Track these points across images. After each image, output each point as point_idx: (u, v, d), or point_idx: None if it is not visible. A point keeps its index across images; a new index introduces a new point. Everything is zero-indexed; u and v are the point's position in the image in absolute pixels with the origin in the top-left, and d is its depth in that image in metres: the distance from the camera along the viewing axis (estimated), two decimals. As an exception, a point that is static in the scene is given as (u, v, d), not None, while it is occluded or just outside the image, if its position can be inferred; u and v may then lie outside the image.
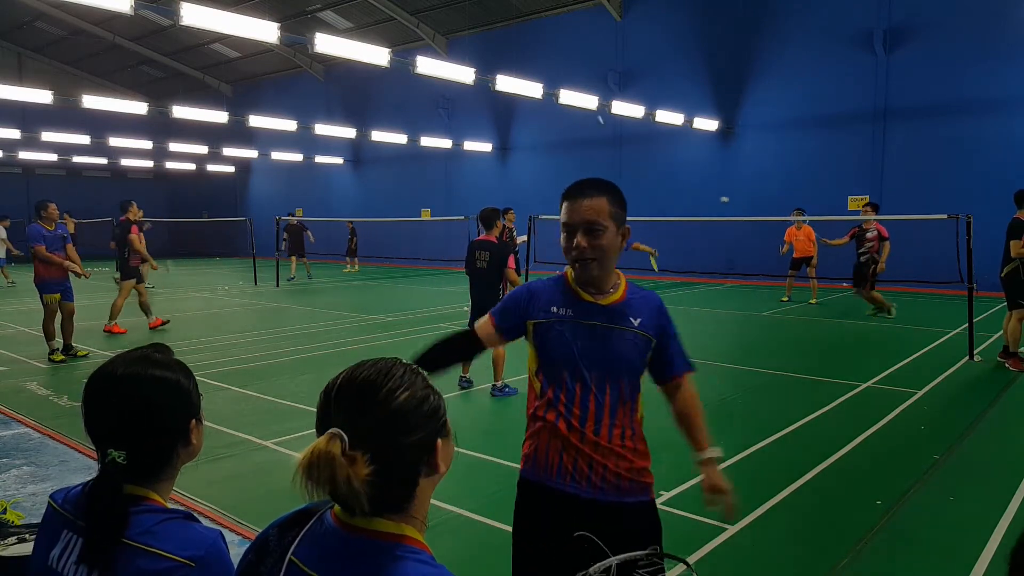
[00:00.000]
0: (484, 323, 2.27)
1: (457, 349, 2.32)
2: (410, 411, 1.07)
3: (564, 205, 2.14)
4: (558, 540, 2.05)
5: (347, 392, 1.07)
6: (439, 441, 1.11)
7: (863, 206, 12.11)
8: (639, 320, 2.10)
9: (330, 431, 1.02)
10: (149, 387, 1.34)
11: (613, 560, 1.67)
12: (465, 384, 7.20)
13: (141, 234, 11.00)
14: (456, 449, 1.20)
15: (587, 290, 2.12)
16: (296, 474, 0.99)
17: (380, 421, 1.05)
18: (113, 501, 1.26)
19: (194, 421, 1.40)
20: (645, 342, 2.11)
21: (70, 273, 8.78)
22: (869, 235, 11.67)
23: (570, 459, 2.08)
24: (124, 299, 10.64)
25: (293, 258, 19.13)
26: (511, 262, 7.01)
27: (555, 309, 2.12)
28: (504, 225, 13.21)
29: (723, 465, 4.88)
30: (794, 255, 13.41)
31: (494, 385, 6.97)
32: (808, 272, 13.44)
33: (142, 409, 1.32)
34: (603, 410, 2.08)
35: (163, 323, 11.13)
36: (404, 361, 1.15)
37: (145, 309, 11.10)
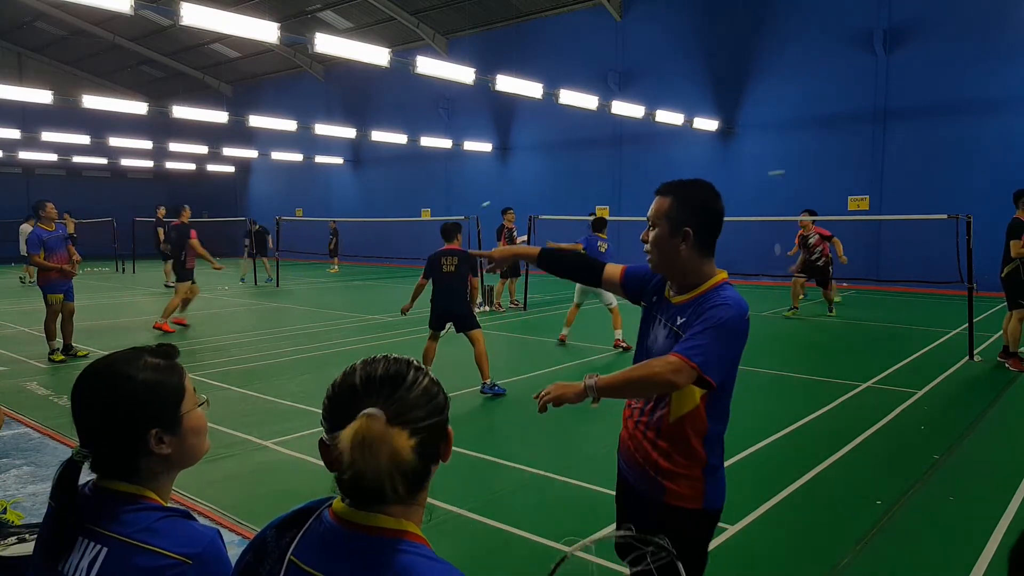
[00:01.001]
0: (614, 268, 2.46)
1: (582, 267, 2.53)
2: (429, 399, 1.11)
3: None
4: (621, 520, 2.36)
5: (376, 381, 1.09)
6: (450, 429, 1.15)
7: (801, 212, 12.10)
8: (684, 320, 2.11)
9: (367, 411, 1.02)
10: (106, 386, 1.32)
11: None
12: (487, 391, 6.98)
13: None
14: (456, 449, 1.21)
15: (672, 287, 2.25)
16: (343, 454, 0.98)
17: (411, 401, 1.08)
18: (67, 495, 1.27)
19: (156, 431, 1.32)
20: (677, 339, 2.09)
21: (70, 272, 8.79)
22: (812, 240, 11.77)
23: (624, 442, 2.32)
24: (180, 299, 10.93)
25: (265, 260, 19.29)
26: (478, 270, 7.21)
27: (653, 297, 2.32)
28: (504, 225, 13.26)
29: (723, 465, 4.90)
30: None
31: (483, 384, 6.98)
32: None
33: (96, 407, 1.32)
34: (647, 403, 2.21)
35: (170, 330, 10.96)
36: (410, 360, 1.16)
37: (182, 307, 11.20)
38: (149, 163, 31.97)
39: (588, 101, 16.44)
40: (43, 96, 15.89)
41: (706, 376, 1.95)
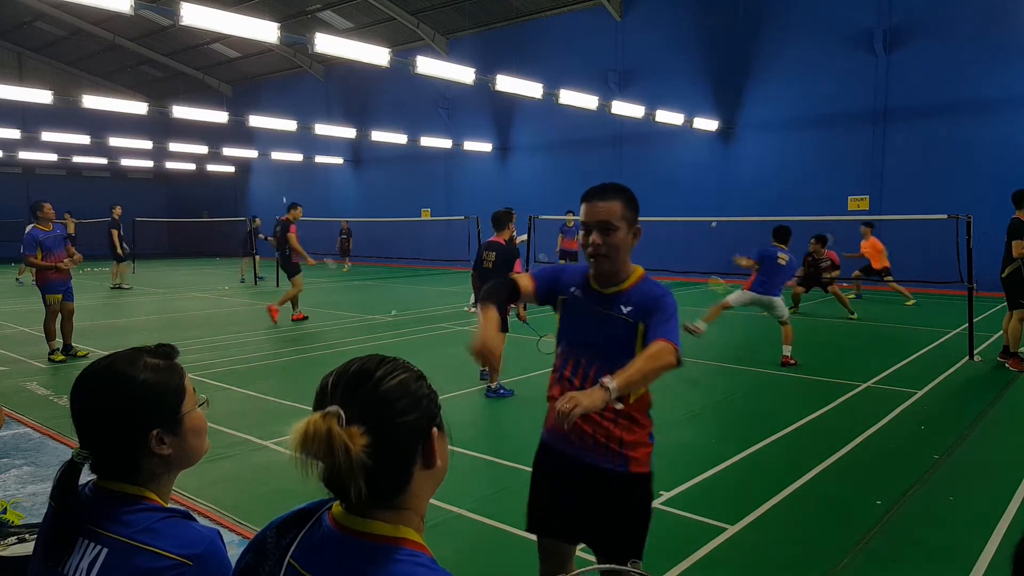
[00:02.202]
0: (523, 277, 2.52)
1: (503, 293, 2.50)
2: (404, 393, 1.08)
3: (583, 206, 2.35)
4: (559, 495, 2.42)
5: (342, 380, 1.08)
6: (434, 430, 1.11)
7: (812, 239, 11.74)
8: (629, 308, 2.32)
9: (325, 409, 1.02)
10: (106, 387, 1.32)
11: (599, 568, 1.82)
12: (492, 395, 6.91)
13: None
14: (454, 449, 1.19)
15: (598, 281, 2.39)
16: (292, 449, 0.98)
17: (375, 398, 1.05)
18: (68, 496, 1.28)
19: (156, 431, 1.32)
20: (631, 327, 2.31)
21: (70, 272, 8.77)
22: (824, 265, 11.64)
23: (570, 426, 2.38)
24: (297, 291, 11.34)
25: (257, 258, 19.23)
26: (517, 266, 6.99)
27: (574, 289, 2.43)
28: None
29: (723, 465, 4.91)
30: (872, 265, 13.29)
31: (489, 386, 6.95)
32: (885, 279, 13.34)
33: (96, 409, 1.32)
34: (592, 384, 2.27)
35: (297, 317, 11.53)
36: (394, 357, 1.15)
37: (292, 300, 11.47)
38: (149, 163, 31.97)
39: (588, 101, 16.44)
40: (43, 96, 15.89)
41: (678, 353, 2.24)
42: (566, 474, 2.40)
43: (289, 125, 21.29)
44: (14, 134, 23.14)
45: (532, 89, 15.40)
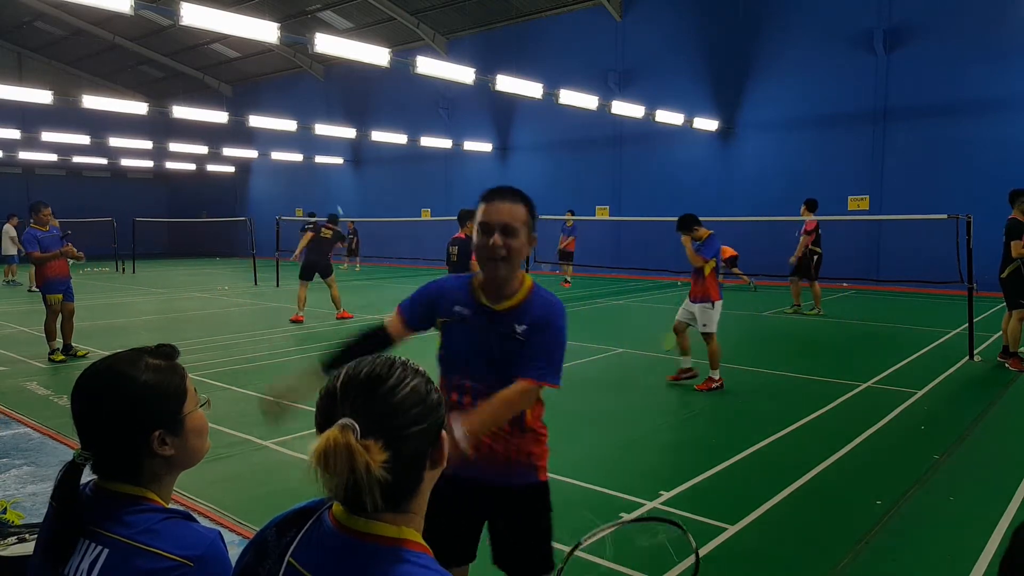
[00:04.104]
0: (392, 318, 2.36)
1: (371, 347, 2.30)
2: (416, 401, 1.07)
3: (482, 207, 2.25)
4: (460, 520, 2.34)
5: (353, 385, 1.07)
6: (443, 433, 1.12)
7: (805, 203, 12.10)
8: (523, 327, 2.21)
9: (340, 422, 1.01)
10: (108, 388, 1.32)
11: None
12: None
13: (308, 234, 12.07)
14: None
15: (487, 294, 2.25)
16: (311, 466, 0.98)
17: (389, 409, 1.05)
18: (69, 498, 1.27)
19: (159, 432, 1.32)
20: (521, 344, 2.21)
21: (70, 272, 8.78)
22: (801, 228, 12.03)
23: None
24: (337, 289, 12.02)
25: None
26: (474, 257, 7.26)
27: (458, 308, 2.27)
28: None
29: (723, 465, 4.90)
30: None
31: None
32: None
33: (98, 410, 1.32)
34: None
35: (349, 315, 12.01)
36: (401, 358, 1.14)
37: (335, 302, 12.03)
38: (149, 163, 31.98)
39: (588, 101, 16.44)
40: (43, 96, 15.88)
41: (554, 385, 2.19)
42: (469, 497, 2.30)
43: (289, 125, 21.28)
44: (14, 134, 23.13)
45: (532, 89, 15.40)
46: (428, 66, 13.58)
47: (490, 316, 2.23)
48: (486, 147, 23.11)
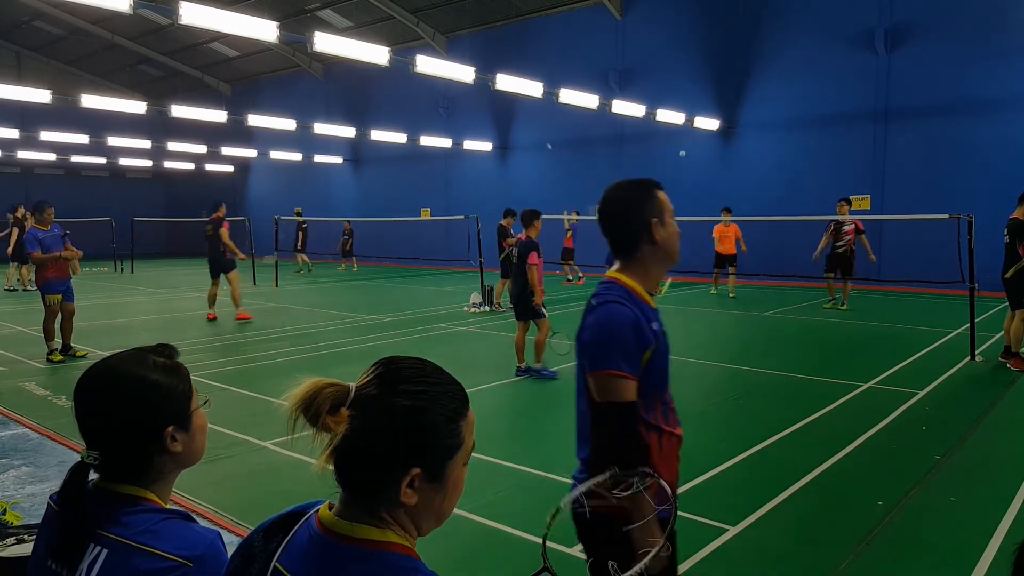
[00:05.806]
0: (628, 390, 1.89)
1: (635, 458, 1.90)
2: (416, 429, 1.03)
3: (663, 195, 2.06)
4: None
5: (388, 367, 1.08)
6: (415, 471, 1.04)
7: (839, 202, 12.72)
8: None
9: (351, 383, 1.05)
10: (119, 388, 1.32)
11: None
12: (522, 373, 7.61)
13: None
14: None
15: (650, 294, 2.05)
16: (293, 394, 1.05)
17: (389, 408, 1.03)
18: (76, 500, 1.27)
19: (171, 428, 1.34)
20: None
21: (70, 272, 8.77)
22: (846, 228, 12.34)
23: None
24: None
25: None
26: (532, 258, 7.59)
27: (654, 326, 1.97)
28: (502, 225, 13.22)
29: (724, 466, 4.90)
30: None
31: (527, 367, 7.56)
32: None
33: (109, 409, 1.31)
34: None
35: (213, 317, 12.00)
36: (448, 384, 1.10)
37: (235, 300, 12.07)
38: (148, 162, 31.94)
39: (588, 100, 16.43)
40: (42, 95, 15.85)
41: None
42: None
43: (288, 124, 21.26)
44: (13, 133, 23.11)
45: (532, 88, 15.39)
46: (428, 65, 13.56)
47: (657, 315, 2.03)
48: (486, 146, 23.10)
